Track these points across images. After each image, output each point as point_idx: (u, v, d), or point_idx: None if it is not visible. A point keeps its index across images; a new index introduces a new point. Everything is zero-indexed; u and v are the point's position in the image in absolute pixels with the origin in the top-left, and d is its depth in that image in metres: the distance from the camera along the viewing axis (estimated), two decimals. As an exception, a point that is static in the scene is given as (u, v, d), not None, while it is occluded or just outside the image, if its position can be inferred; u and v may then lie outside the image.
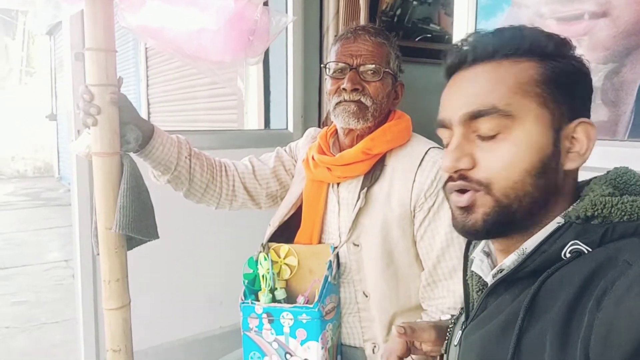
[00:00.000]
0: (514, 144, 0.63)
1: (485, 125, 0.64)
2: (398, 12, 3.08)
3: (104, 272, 1.09)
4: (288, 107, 2.56)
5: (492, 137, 0.64)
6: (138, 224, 1.07)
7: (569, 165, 0.65)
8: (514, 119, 0.63)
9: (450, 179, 0.67)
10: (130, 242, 1.12)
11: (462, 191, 0.66)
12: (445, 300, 1.12)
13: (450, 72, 0.71)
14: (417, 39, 3.19)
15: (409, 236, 1.16)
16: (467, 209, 0.65)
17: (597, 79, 1.35)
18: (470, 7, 1.50)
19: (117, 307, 1.09)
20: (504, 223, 0.64)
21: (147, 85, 4.73)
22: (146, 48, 4.64)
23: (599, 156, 1.29)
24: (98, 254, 1.10)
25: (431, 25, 3.29)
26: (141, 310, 2.04)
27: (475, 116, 0.64)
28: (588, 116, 0.68)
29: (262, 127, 2.76)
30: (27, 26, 10.69)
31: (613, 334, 0.48)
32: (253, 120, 2.82)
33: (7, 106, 9.77)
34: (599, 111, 1.36)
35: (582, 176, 0.70)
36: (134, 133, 1.12)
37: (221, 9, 0.86)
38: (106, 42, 1.04)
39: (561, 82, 0.65)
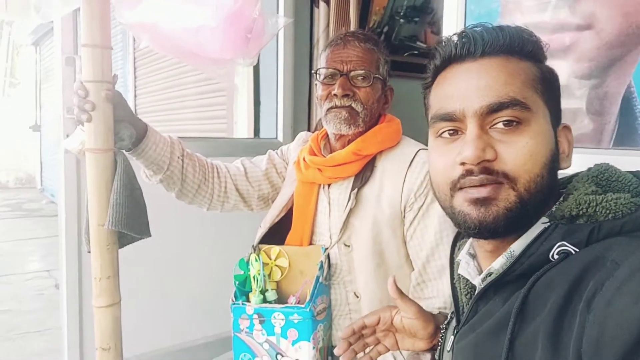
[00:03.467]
0: (532, 137, 0.63)
1: (506, 118, 0.63)
2: (385, 29, 3.13)
3: (94, 270, 1.08)
4: (278, 117, 2.58)
5: (510, 130, 0.63)
6: (131, 220, 1.07)
7: (562, 164, 0.68)
8: (531, 112, 0.64)
9: (468, 173, 0.64)
10: (122, 240, 1.11)
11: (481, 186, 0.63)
12: (435, 301, 1.13)
13: (448, 62, 0.70)
14: (404, 55, 3.25)
15: (399, 236, 1.17)
16: (486, 201, 0.63)
17: (582, 91, 1.39)
18: (458, 26, 1.54)
19: (107, 304, 1.08)
20: (521, 219, 0.63)
21: (135, 96, 4.72)
22: (134, 58, 4.64)
23: (585, 164, 1.32)
24: (89, 252, 1.09)
25: (418, 42, 3.34)
26: (127, 317, 2.02)
27: (496, 109, 0.63)
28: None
29: (252, 136, 2.77)
30: (12, 37, 10.61)
31: (605, 335, 0.48)
32: (243, 130, 2.83)
33: (-10, 117, 9.67)
34: (584, 121, 1.40)
35: None
36: (128, 130, 1.12)
37: (220, 6, 0.87)
38: (102, 38, 1.05)
39: (552, 84, 0.69)
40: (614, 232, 0.58)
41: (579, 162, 1.30)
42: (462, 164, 0.64)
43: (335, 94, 1.17)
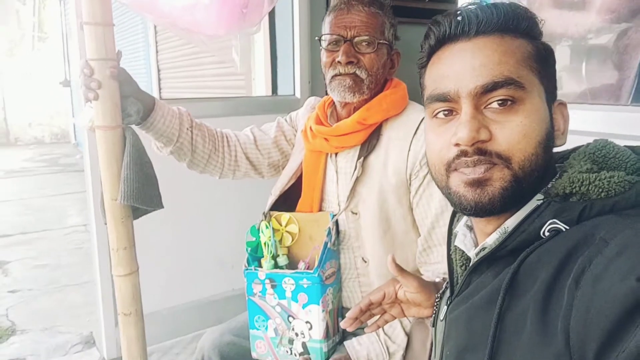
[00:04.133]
0: (526, 116, 0.62)
1: (500, 97, 0.63)
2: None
3: (112, 241, 1.14)
4: (295, 73, 2.56)
5: (505, 110, 0.63)
6: (142, 194, 1.11)
7: (557, 142, 0.68)
8: (526, 91, 0.63)
9: (462, 153, 0.64)
10: (136, 212, 1.16)
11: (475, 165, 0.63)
12: (440, 266, 1.15)
13: (443, 42, 0.69)
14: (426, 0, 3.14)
15: (405, 203, 1.18)
16: (481, 182, 0.63)
17: (602, 44, 1.33)
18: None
19: (125, 273, 1.15)
20: (516, 197, 0.64)
21: (157, 51, 4.72)
22: (155, 13, 4.60)
23: (602, 121, 1.29)
24: (106, 224, 1.14)
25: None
26: (156, 273, 2.14)
27: (491, 88, 0.63)
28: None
29: (270, 93, 2.77)
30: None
31: (592, 313, 0.48)
32: (260, 86, 2.83)
33: (21, 72, 9.81)
34: (603, 75, 1.35)
35: (585, 141, 0.70)
36: (135, 106, 1.14)
37: (213, -17, 0.87)
38: (103, 16, 1.05)
39: (547, 61, 0.68)
40: (605, 210, 0.58)
41: (597, 118, 1.26)
42: (457, 145, 0.64)
43: (339, 61, 1.16)
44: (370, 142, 1.20)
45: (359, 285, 1.26)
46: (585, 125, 1.26)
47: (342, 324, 0.96)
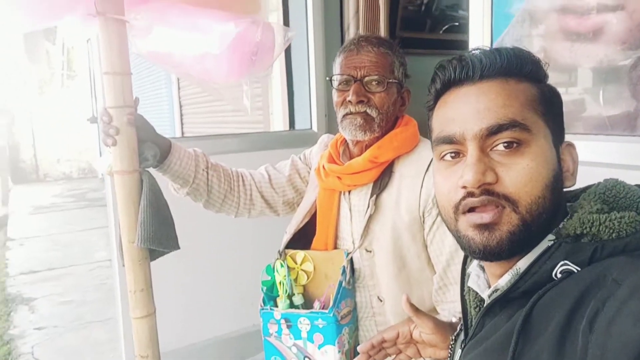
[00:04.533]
0: (532, 158, 0.63)
1: (505, 140, 0.63)
2: (426, 0, 3.06)
3: (129, 283, 1.16)
4: (312, 106, 2.59)
5: (511, 152, 0.63)
6: (158, 237, 1.13)
7: (567, 183, 0.68)
8: (531, 133, 0.64)
9: (469, 195, 0.64)
10: (153, 254, 1.18)
11: (483, 208, 0.63)
12: (457, 305, 1.13)
13: (448, 86, 0.71)
14: (442, 31, 3.17)
15: (419, 241, 1.18)
16: (489, 226, 0.63)
17: (615, 75, 1.32)
18: (485, 7, 1.50)
19: (142, 315, 1.16)
20: (524, 241, 0.63)
21: (179, 88, 4.85)
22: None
23: (618, 152, 1.28)
24: (124, 265, 1.16)
25: (459, 11, 3.26)
26: (175, 312, 2.14)
27: (495, 131, 0.63)
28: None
29: (288, 127, 2.80)
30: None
31: (607, 357, 0.48)
32: (278, 121, 2.87)
33: (51, 110, 10.14)
34: (617, 105, 1.34)
35: (603, 173, 0.70)
36: (152, 150, 1.17)
37: (223, 34, 0.90)
38: (122, 65, 1.09)
39: (553, 103, 0.68)
40: (617, 251, 0.57)
41: (614, 150, 1.25)
42: (464, 187, 0.65)
43: (349, 101, 1.18)
44: (382, 179, 1.21)
45: (375, 324, 1.25)
46: (601, 156, 1.25)
47: None
